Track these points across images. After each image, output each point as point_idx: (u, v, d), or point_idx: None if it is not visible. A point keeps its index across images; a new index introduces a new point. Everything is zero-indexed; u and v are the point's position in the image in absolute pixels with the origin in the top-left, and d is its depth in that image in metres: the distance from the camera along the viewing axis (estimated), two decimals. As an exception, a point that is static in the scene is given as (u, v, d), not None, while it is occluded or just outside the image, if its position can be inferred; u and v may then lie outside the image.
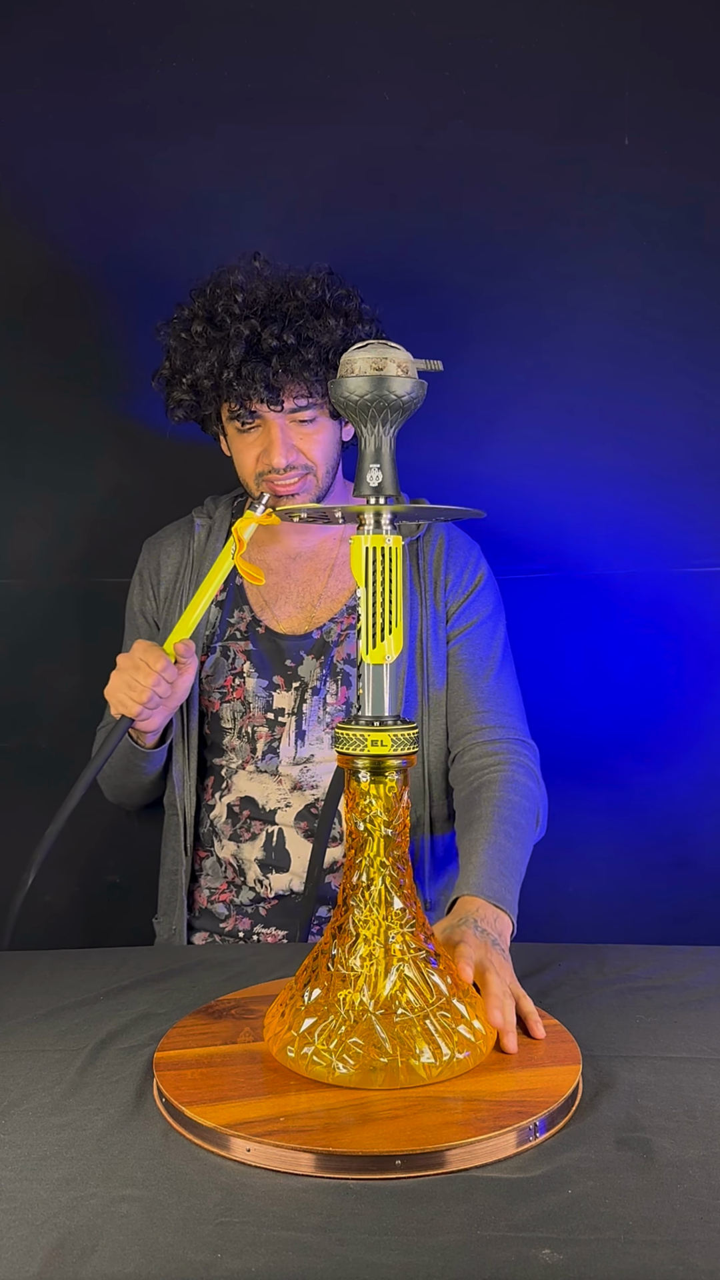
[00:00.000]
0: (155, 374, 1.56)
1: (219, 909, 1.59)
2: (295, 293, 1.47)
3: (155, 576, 1.66)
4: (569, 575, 1.82)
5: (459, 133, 1.76)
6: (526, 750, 1.53)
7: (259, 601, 1.62)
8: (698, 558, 1.79)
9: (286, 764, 1.56)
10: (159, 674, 1.42)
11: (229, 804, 1.59)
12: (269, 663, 1.59)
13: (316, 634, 1.59)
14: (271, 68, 1.76)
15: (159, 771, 1.61)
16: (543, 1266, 0.73)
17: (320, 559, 1.63)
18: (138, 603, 1.68)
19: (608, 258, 1.76)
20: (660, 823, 1.82)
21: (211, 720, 1.61)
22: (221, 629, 1.61)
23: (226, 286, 1.47)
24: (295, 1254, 0.75)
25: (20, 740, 1.86)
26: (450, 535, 1.62)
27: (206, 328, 1.48)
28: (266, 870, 1.56)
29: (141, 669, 1.42)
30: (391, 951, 1.00)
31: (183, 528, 1.68)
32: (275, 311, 1.46)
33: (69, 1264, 0.75)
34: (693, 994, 1.18)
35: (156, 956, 1.37)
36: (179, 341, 1.51)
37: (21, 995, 1.21)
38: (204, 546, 1.63)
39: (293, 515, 1.09)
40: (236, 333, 1.44)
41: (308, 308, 1.47)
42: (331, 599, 1.61)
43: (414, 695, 1.55)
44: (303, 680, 1.57)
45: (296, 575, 1.63)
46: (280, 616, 1.61)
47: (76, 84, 1.78)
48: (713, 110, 1.74)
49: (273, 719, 1.57)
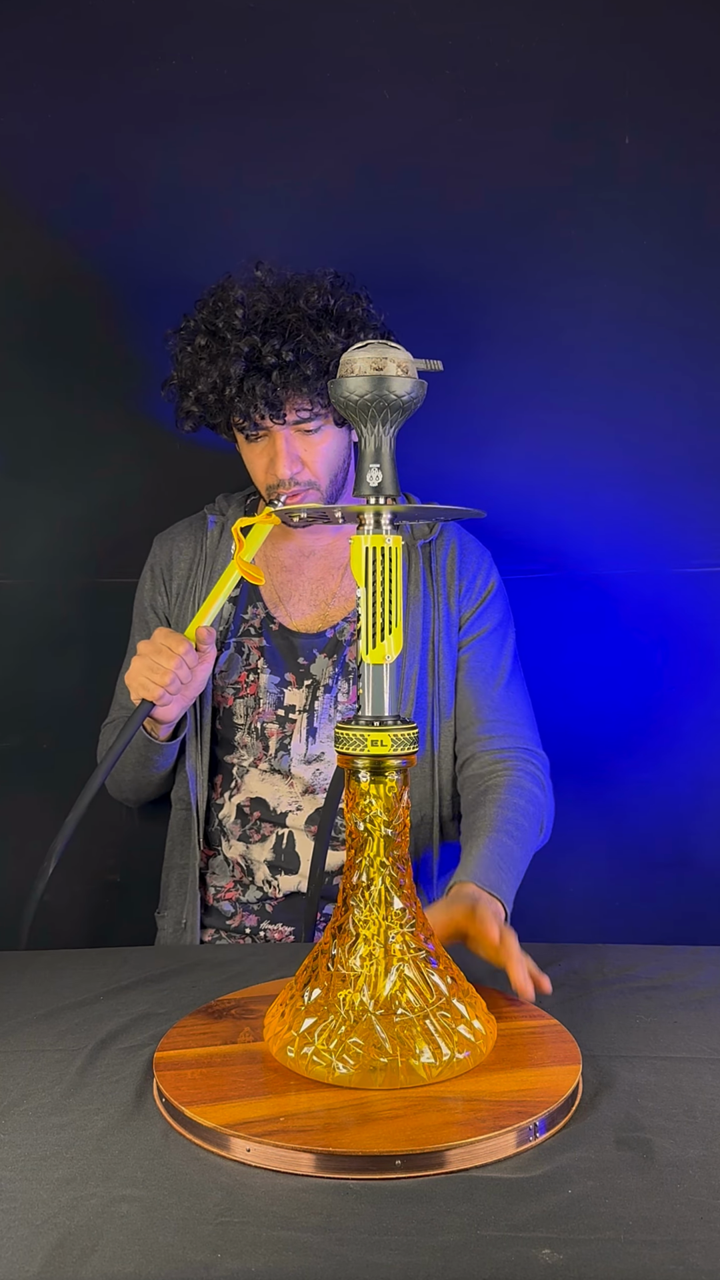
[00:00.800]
0: (165, 383, 1.57)
1: (225, 906, 1.60)
2: (297, 302, 1.46)
3: (168, 572, 1.66)
4: (569, 575, 1.82)
5: (459, 131, 1.76)
6: (535, 759, 1.55)
7: (272, 598, 1.63)
8: (697, 558, 1.79)
9: (298, 762, 1.56)
10: (180, 657, 1.43)
11: (239, 804, 1.59)
12: (282, 659, 1.59)
13: (330, 632, 1.59)
14: (273, 65, 1.76)
15: (168, 769, 1.61)
16: (543, 1266, 0.73)
17: (333, 557, 1.64)
18: (149, 597, 1.67)
19: (608, 257, 1.75)
20: (660, 822, 1.82)
21: (224, 716, 1.61)
22: (236, 624, 1.62)
23: (228, 301, 1.47)
24: (295, 1254, 0.75)
25: (22, 740, 1.86)
26: (463, 540, 1.63)
27: (210, 342, 1.48)
28: (276, 872, 1.56)
29: (164, 652, 1.43)
30: (391, 951, 1.00)
31: (195, 524, 1.68)
32: (276, 325, 1.45)
33: (69, 1264, 0.75)
34: (693, 994, 1.18)
35: (157, 956, 1.38)
36: (184, 355, 1.51)
37: (21, 995, 1.21)
38: (217, 543, 1.63)
39: (292, 515, 1.09)
40: (236, 350, 1.44)
41: (309, 319, 1.46)
42: (346, 598, 1.61)
43: (424, 698, 1.56)
44: (314, 678, 1.58)
45: (309, 573, 1.63)
46: (294, 614, 1.62)
47: (79, 84, 1.78)
48: (712, 110, 1.74)
49: (284, 715, 1.58)
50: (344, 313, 1.49)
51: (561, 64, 1.74)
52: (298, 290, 1.48)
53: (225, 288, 1.50)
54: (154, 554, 1.69)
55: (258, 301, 1.47)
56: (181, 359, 1.52)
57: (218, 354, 1.47)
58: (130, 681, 1.47)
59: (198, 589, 1.62)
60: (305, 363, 1.44)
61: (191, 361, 1.50)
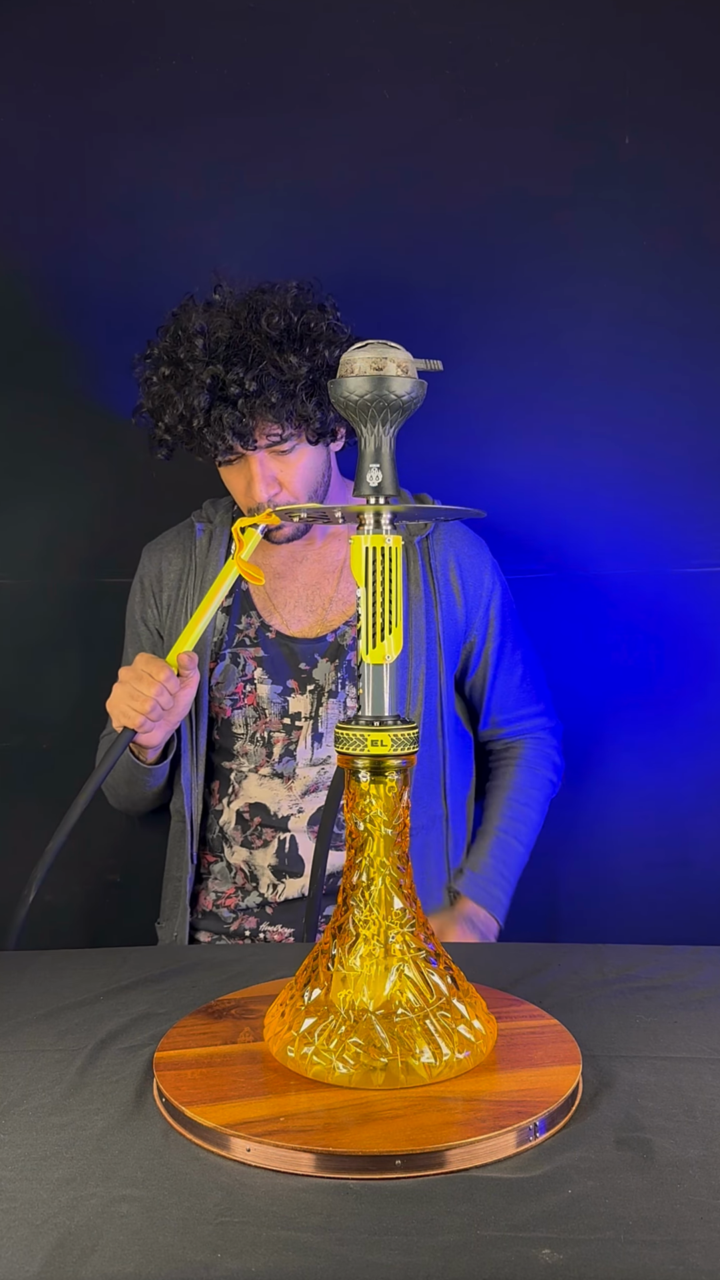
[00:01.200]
0: (135, 410, 1.54)
1: (224, 913, 1.59)
2: (259, 323, 1.44)
3: (158, 584, 1.64)
4: (569, 575, 1.82)
5: (459, 131, 1.76)
6: (547, 732, 1.69)
7: (266, 606, 1.62)
8: (696, 558, 1.79)
9: (304, 765, 1.56)
10: (161, 684, 1.41)
11: (238, 810, 1.59)
12: (282, 667, 1.58)
13: (330, 637, 1.58)
14: (273, 65, 1.76)
15: (162, 784, 1.61)
16: (543, 1266, 0.73)
17: (326, 561, 1.63)
18: (139, 611, 1.66)
19: (608, 257, 1.76)
20: (660, 822, 1.82)
21: (222, 726, 1.60)
22: (230, 635, 1.61)
23: (188, 330, 1.45)
24: (295, 1254, 0.75)
25: (21, 740, 1.86)
26: (459, 531, 1.62)
27: (174, 371, 1.46)
28: (280, 876, 1.56)
29: (144, 679, 1.41)
30: (391, 951, 1.00)
31: (183, 533, 1.66)
32: (238, 352, 1.43)
33: (69, 1264, 0.75)
34: (693, 994, 1.18)
35: (157, 956, 1.37)
36: (149, 384, 1.50)
37: (21, 995, 1.21)
38: (206, 552, 1.62)
39: (292, 515, 1.09)
40: (199, 381, 1.42)
41: (271, 342, 1.43)
42: (344, 602, 1.61)
43: (434, 698, 1.56)
44: (318, 684, 1.57)
45: (303, 578, 1.63)
46: (290, 620, 1.61)
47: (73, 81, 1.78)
48: (713, 110, 1.74)
49: (289, 724, 1.57)
50: (307, 331, 1.46)
51: (562, 64, 1.74)
52: (259, 309, 1.45)
53: (185, 312, 1.47)
54: (143, 566, 1.67)
55: (218, 328, 1.44)
56: (148, 388, 1.50)
57: (182, 384, 1.45)
58: (111, 709, 1.45)
59: (189, 599, 1.60)
60: (270, 390, 1.42)
61: (159, 391, 1.48)
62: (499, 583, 1.63)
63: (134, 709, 1.41)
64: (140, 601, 1.66)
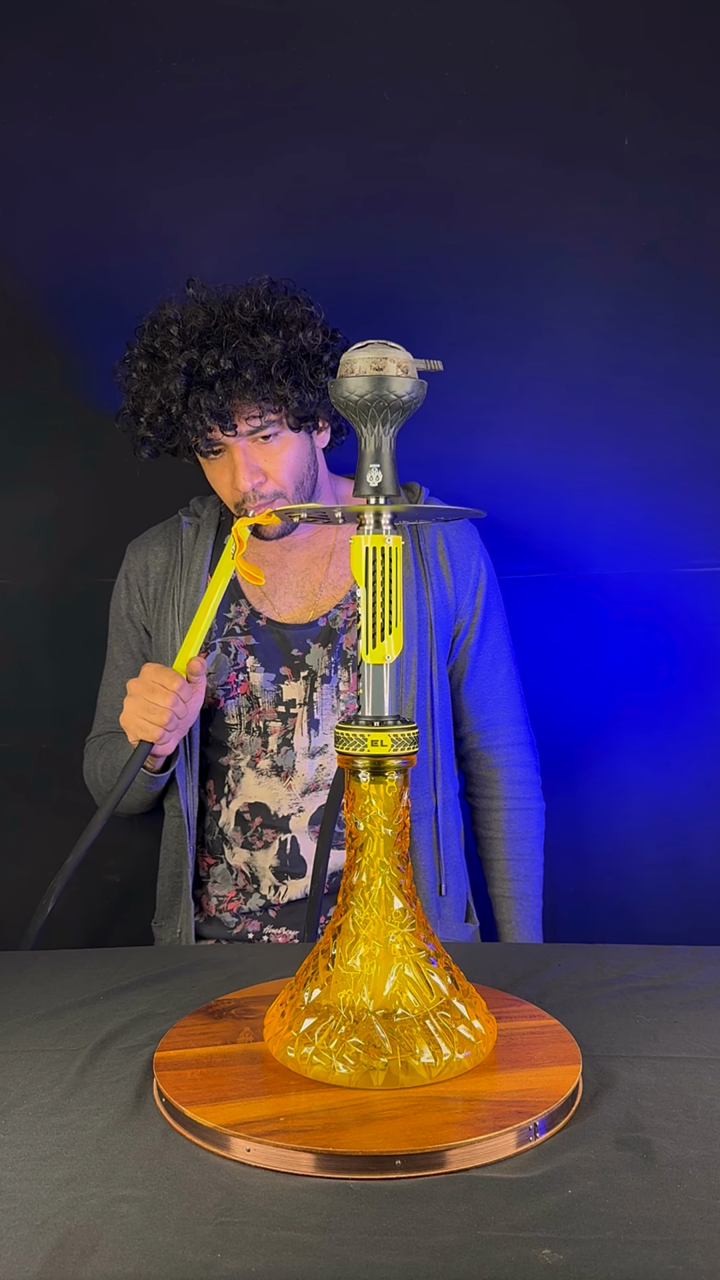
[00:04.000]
0: (118, 415, 1.55)
1: (227, 918, 1.59)
2: (232, 312, 1.45)
3: (143, 578, 1.64)
4: (569, 575, 1.82)
5: (459, 132, 1.76)
6: (522, 751, 1.64)
7: (256, 594, 1.62)
8: (697, 558, 1.79)
9: (302, 756, 1.56)
10: (175, 693, 1.39)
11: (238, 810, 1.58)
12: (275, 654, 1.58)
13: (322, 621, 1.58)
14: (272, 65, 1.76)
15: (162, 786, 1.61)
16: (543, 1266, 0.73)
17: (316, 546, 1.63)
18: (124, 606, 1.66)
19: (607, 257, 1.76)
20: (660, 822, 1.82)
21: (215, 718, 1.60)
22: (220, 624, 1.61)
23: (163, 321, 1.46)
24: (295, 1254, 0.75)
25: (21, 740, 1.86)
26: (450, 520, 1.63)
27: (151, 364, 1.47)
28: (282, 877, 1.56)
29: (157, 690, 1.40)
30: (391, 951, 1.00)
31: (169, 528, 1.67)
32: (212, 337, 1.44)
33: (69, 1264, 0.75)
34: (693, 994, 1.18)
35: (156, 956, 1.37)
36: (129, 383, 1.51)
37: (21, 995, 1.21)
38: (193, 545, 1.62)
39: (292, 515, 1.09)
40: (175, 366, 1.43)
41: (245, 327, 1.44)
42: (334, 586, 1.61)
43: (425, 680, 1.56)
44: (311, 669, 1.57)
45: (294, 565, 1.63)
46: (281, 607, 1.61)
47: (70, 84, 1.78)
48: (713, 110, 1.74)
49: (284, 711, 1.57)
50: (281, 315, 1.47)
51: (561, 65, 1.74)
52: (232, 300, 1.47)
53: (160, 308, 1.49)
54: (128, 561, 1.67)
55: (192, 317, 1.46)
56: (128, 387, 1.51)
57: (159, 374, 1.46)
58: (126, 724, 1.43)
59: (175, 592, 1.60)
60: (245, 368, 1.42)
61: (137, 387, 1.49)
62: (486, 566, 1.63)
63: (151, 721, 1.40)
64: (126, 597, 1.66)
